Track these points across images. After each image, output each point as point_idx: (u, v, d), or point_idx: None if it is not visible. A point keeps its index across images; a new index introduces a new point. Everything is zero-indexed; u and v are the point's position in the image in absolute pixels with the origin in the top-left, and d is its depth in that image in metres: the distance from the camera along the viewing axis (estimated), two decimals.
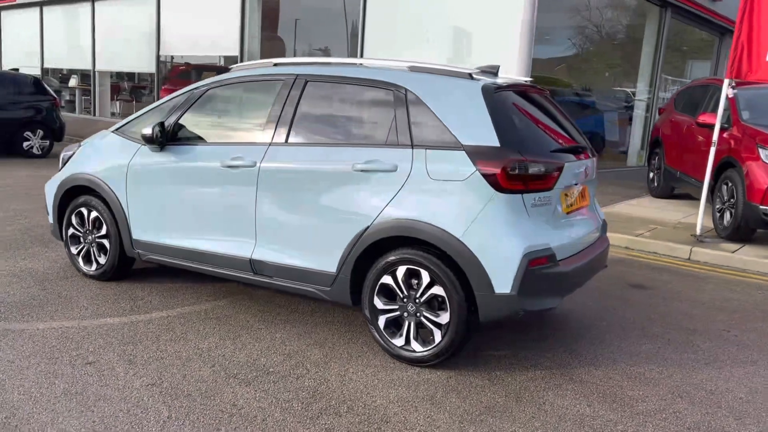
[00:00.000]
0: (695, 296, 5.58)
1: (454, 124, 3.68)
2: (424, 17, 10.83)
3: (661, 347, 4.31)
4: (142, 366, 3.61)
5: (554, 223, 3.78)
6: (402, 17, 11.16)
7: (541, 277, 3.56)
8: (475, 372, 3.76)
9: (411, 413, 3.24)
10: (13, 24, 20.49)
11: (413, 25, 10.97)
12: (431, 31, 10.77)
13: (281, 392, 3.39)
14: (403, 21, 11.15)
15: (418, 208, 3.66)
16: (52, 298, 4.62)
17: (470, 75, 3.86)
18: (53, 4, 18.42)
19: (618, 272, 6.24)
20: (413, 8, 10.99)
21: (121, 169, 4.76)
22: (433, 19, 10.72)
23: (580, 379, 3.74)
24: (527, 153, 3.61)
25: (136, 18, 15.95)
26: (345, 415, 3.19)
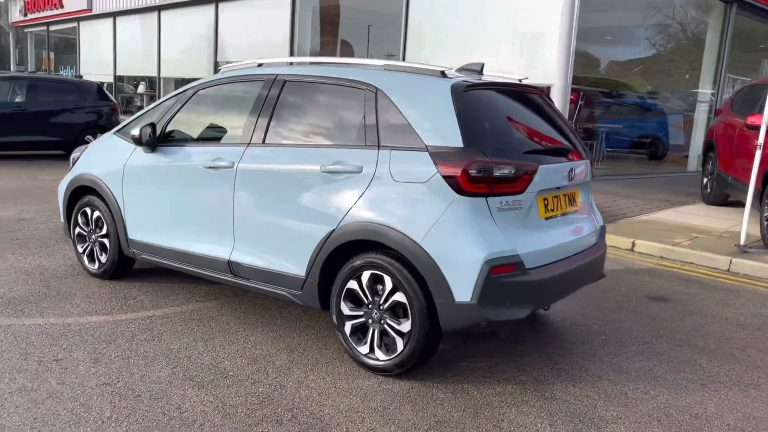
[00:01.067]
0: (719, 311, 5.16)
1: (420, 124, 3.52)
2: (466, 20, 10.61)
3: (657, 365, 3.98)
4: (105, 365, 3.63)
5: (527, 229, 3.55)
6: (442, 21, 10.98)
7: (505, 286, 3.35)
8: (440, 383, 3.58)
9: (355, 424, 3.11)
10: (90, 34, 21.59)
11: (453, 29, 10.77)
12: (472, 32, 10.54)
13: (231, 397, 3.32)
14: (443, 25, 10.97)
15: (381, 211, 3.53)
16: (51, 295, 4.74)
17: (442, 73, 3.69)
18: (124, 14, 19.27)
19: (641, 283, 5.86)
20: (454, 12, 10.80)
21: (119, 170, 4.85)
22: (474, 20, 10.50)
23: (552, 396, 3.49)
24: (494, 154, 3.41)
25: (196, 26, 16.46)
26: (286, 423, 3.09)
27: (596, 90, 12.96)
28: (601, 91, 13.19)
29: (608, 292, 5.53)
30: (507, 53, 10.09)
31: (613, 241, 7.38)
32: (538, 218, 3.65)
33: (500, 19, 10.11)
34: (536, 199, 3.62)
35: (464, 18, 10.62)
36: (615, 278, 5.98)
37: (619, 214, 8.50)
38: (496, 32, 10.22)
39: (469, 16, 10.59)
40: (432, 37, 11.19)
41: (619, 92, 14.33)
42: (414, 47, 11.46)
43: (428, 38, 11.24)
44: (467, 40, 10.61)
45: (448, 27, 10.82)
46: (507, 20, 9.98)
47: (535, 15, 9.54)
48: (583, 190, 4.15)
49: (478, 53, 10.51)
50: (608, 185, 9.85)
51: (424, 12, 11.29)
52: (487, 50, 10.36)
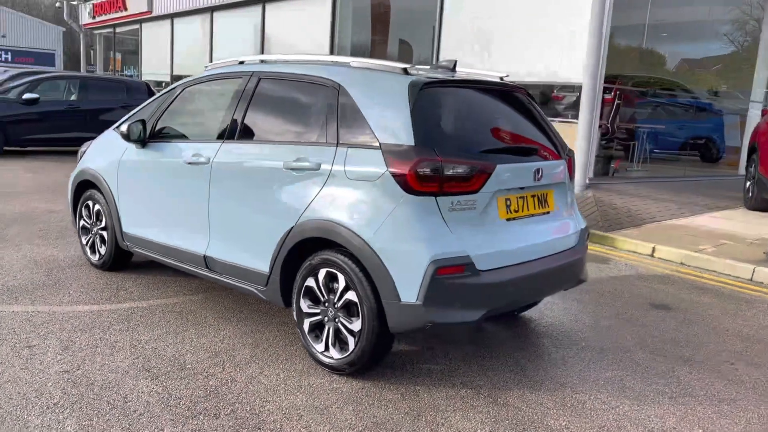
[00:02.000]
0: (724, 321, 4.89)
1: (376, 122, 3.49)
2: (498, 18, 10.43)
3: (630, 375, 3.80)
4: (72, 353, 3.75)
5: (483, 230, 3.45)
6: (474, 19, 10.82)
7: (452, 287, 3.26)
8: (393, 384, 3.53)
9: (291, 422, 3.10)
10: (151, 35, 22.38)
11: (485, 28, 10.60)
12: (503, 31, 10.35)
13: (180, 389, 3.37)
14: (474, 25, 10.81)
15: (335, 209, 3.51)
16: (49, 284, 4.94)
17: (404, 70, 3.64)
18: (181, 15, 19.88)
19: (649, 290, 5.62)
20: (487, 10, 10.62)
21: (115, 165, 5.01)
22: (505, 19, 10.30)
23: (504, 402, 3.39)
24: (447, 153, 3.33)
25: (245, 26, 16.82)
26: (223, 417, 3.11)
27: (639, 89, 12.48)
28: (644, 90, 12.71)
29: (610, 297, 5.33)
30: (536, 51, 9.86)
31: (632, 246, 7.12)
32: (498, 219, 3.54)
33: (530, 16, 9.88)
34: (496, 200, 3.52)
35: (497, 16, 10.44)
36: (622, 284, 5.75)
37: (647, 218, 8.18)
38: (525, 31, 9.99)
39: (500, 15, 10.40)
40: (463, 36, 11.04)
41: (670, 92, 13.77)
42: (448, 47, 11.35)
43: (459, 37, 11.10)
44: (498, 39, 10.42)
45: (480, 26, 10.66)
46: (537, 18, 9.74)
47: (565, 13, 9.28)
48: (559, 190, 4.00)
49: (508, 52, 10.32)
50: (644, 188, 9.48)
51: (457, 11, 11.16)
52: (516, 49, 10.16)
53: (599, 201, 8.41)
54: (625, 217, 8.06)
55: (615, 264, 6.55)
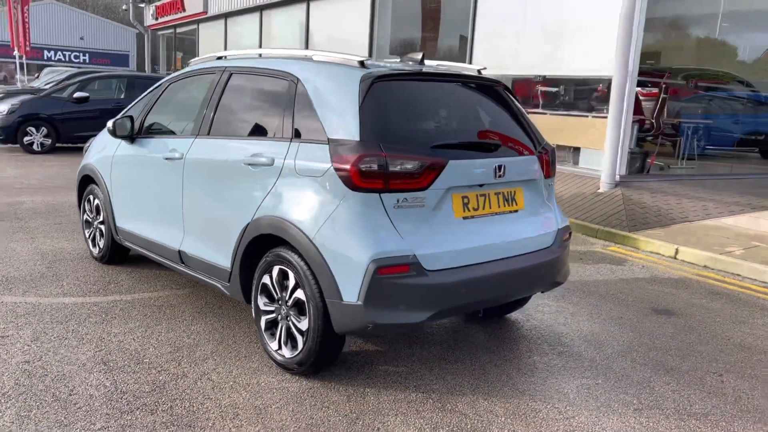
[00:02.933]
0: (728, 329, 4.56)
1: (326, 116, 3.40)
2: (529, 11, 10.11)
3: (602, 384, 3.58)
4: (40, 344, 3.83)
5: (433, 228, 3.31)
6: (507, 13, 10.53)
7: (395, 288, 3.14)
8: (344, 385, 3.44)
9: (225, 421, 3.05)
10: (207, 34, 22.93)
11: (518, 20, 10.30)
12: (532, 25, 10.03)
13: (128, 384, 3.38)
14: (508, 18, 10.52)
15: (285, 205, 3.45)
16: (47, 276, 5.08)
17: (361, 63, 3.53)
18: (233, 15, 20.27)
19: (657, 294, 5.32)
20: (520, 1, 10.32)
21: (108, 160, 5.11)
22: (536, 10, 9.97)
23: (452, 409, 3.24)
24: (393, 148, 3.21)
25: (291, 24, 16.99)
26: (159, 414, 3.10)
27: (688, 83, 11.87)
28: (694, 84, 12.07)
29: (611, 301, 5.06)
30: (567, 44, 9.51)
31: (654, 247, 6.76)
32: (453, 217, 3.40)
33: (562, 8, 9.54)
34: (450, 197, 3.38)
35: (529, 7, 10.12)
36: (630, 287, 5.46)
37: (678, 217, 7.76)
38: (557, 23, 9.65)
39: (532, 4, 10.09)
40: (495, 28, 10.76)
41: (726, 85, 13.05)
42: (482, 40, 11.10)
43: (492, 30, 10.82)
44: (531, 30, 10.10)
45: (512, 19, 10.36)
46: (569, 9, 9.39)
47: (598, 3, 8.90)
48: (530, 188, 3.80)
49: (539, 44, 10.00)
50: (682, 186, 8.99)
51: (491, 4, 10.89)
52: (547, 41, 9.83)
53: (627, 199, 8.04)
54: (653, 217, 7.67)
55: (630, 266, 6.23)
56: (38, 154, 12.80)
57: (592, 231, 7.51)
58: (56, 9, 53.35)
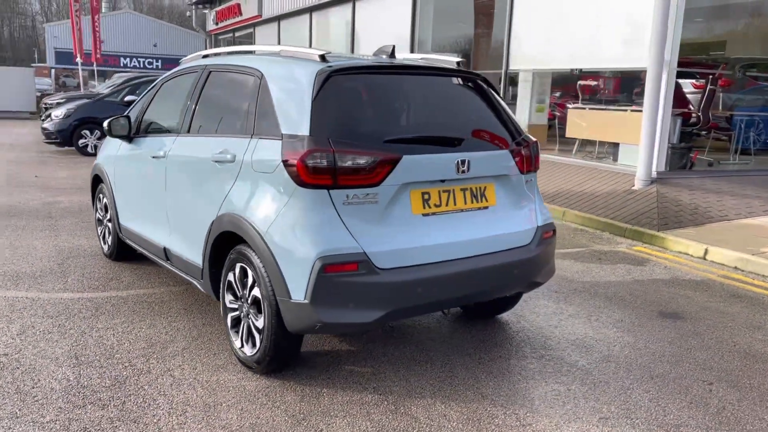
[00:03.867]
0: (738, 335, 4.24)
1: (282, 111, 3.34)
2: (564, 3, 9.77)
3: (574, 391, 3.38)
4: (25, 338, 3.93)
5: (387, 225, 3.20)
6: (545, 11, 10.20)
7: (343, 286, 3.06)
8: (301, 385, 3.38)
9: (170, 418, 3.03)
10: (262, 38, 23.37)
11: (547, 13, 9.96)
12: (568, 17, 9.68)
13: (91, 378, 3.42)
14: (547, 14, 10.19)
15: (242, 202, 3.42)
16: (55, 272, 5.25)
17: (322, 57, 3.46)
18: (286, 17, 20.55)
19: (671, 296, 5.01)
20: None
21: (112, 160, 5.24)
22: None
23: (404, 412, 3.13)
24: (343, 143, 3.12)
25: (338, 25, 17.08)
26: (109, 408, 3.12)
27: (743, 73, 11.19)
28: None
29: (617, 303, 4.80)
30: (601, 34, 9.12)
31: (683, 246, 6.40)
32: (411, 214, 3.28)
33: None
34: (408, 193, 3.26)
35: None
36: (643, 289, 5.18)
37: (715, 216, 7.31)
38: (591, 11, 9.28)
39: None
40: (533, 19, 10.44)
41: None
42: (519, 33, 10.81)
43: (529, 22, 10.50)
44: (566, 22, 9.74)
45: (548, 10, 10.02)
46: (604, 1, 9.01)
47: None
48: (504, 183, 3.63)
49: (573, 36, 9.64)
50: (727, 183, 8.46)
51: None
52: (580, 32, 9.45)
53: (662, 197, 7.64)
54: (687, 215, 7.26)
55: (651, 267, 5.90)
56: (91, 156, 13.33)
57: (619, 230, 7.17)
58: (132, 18, 55.79)
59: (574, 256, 6.22)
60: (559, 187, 8.82)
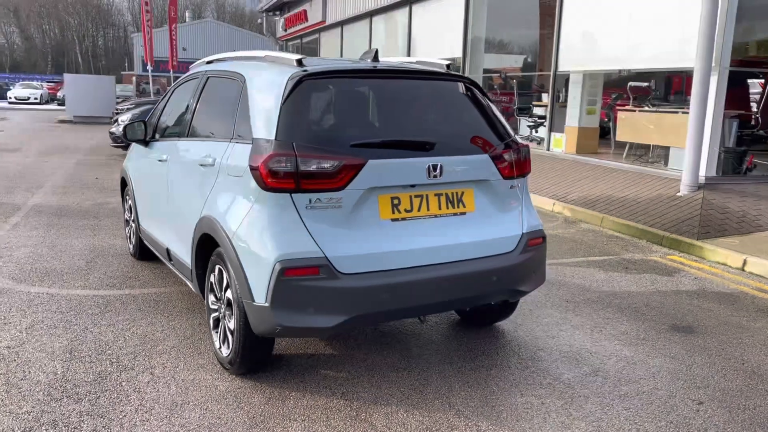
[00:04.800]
0: (751, 353, 3.97)
1: (256, 115, 3.38)
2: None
3: (547, 405, 3.24)
4: (31, 331, 4.13)
5: (352, 230, 3.17)
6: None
7: (303, 290, 3.05)
8: (272, 387, 3.39)
9: (134, 415, 3.11)
10: (326, 43, 23.79)
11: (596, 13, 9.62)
12: (616, 16, 9.32)
13: (77, 373, 3.55)
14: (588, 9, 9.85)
15: (217, 204, 3.48)
16: (82, 269, 5.49)
17: (299, 62, 3.47)
18: (348, 22, 20.80)
19: (691, 309, 4.75)
20: None
21: (133, 163, 5.45)
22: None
23: (365, 419, 3.09)
24: (311, 148, 3.12)
25: (396, 28, 17.12)
26: (83, 402, 3.22)
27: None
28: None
29: (629, 314, 4.60)
30: (646, 33, 8.73)
31: (722, 257, 6.06)
32: (378, 219, 3.24)
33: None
34: (376, 198, 3.22)
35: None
36: (663, 300, 4.93)
37: (765, 224, 6.86)
38: (636, 9, 8.90)
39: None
40: (580, 20, 10.11)
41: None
42: (568, 34, 10.52)
43: (576, 22, 10.18)
44: (610, 23, 9.39)
45: (596, 11, 9.69)
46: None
47: None
48: (484, 189, 3.53)
49: (618, 35, 9.28)
50: None
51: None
52: (626, 31, 9.08)
53: (707, 204, 7.24)
54: (733, 223, 6.85)
55: (679, 277, 5.60)
56: None
57: (656, 238, 6.84)
58: (213, 26, 58.02)
59: (599, 264, 5.98)
60: (602, 193, 8.51)
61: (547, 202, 8.72)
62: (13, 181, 10.13)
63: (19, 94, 39.47)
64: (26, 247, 6.19)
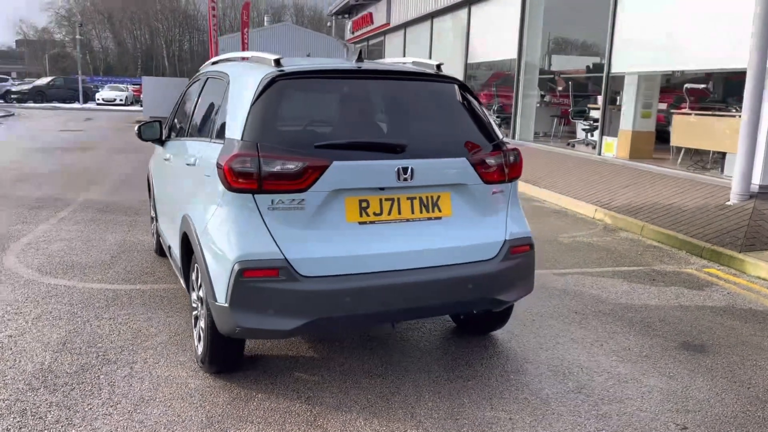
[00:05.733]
0: (761, 377, 3.66)
1: (231, 115, 3.38)
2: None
3: (507, 422, 3.09)
4: (36, 321, 4.28)
5: (315, 232, 3.11)
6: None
7: (262, 292, 3.02)
8: (241, 387, 3.38)
9: (100, 408, 3.16)
10: (390, 45, 23.86)
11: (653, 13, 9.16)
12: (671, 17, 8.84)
13: (62, 364, 3.63)
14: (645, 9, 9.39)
15: (192, 203, 3.52)
16: (105, 263, 5.68)
17: (276, 62, 3.45)
18: (411, 24, 20.77)
19: (711, 327, 4.44)
20: None
21: (152, 162, 5.60)
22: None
23: (320, 425, 3.02)
24: (271, 148, 3.09)
25: (455, 30, 16.96)
26: (57, 394, 3.30)
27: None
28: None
29: (638, 329, 4.34)
30: (707, 33, 8.24)
31: (764, 271, 5.64)
32: (344, 222, 3.17)
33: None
34: (342, 200, 3.16)
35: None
36: (680, 315, 4.63)
37: None
38: (696, 9, 8.42)
39: None
40: (635, 21, 9.66)
41: None
42: (621, 36, 10.08)
43: (631, 23, 9.73)
44: (667, 21, 8.92)
45: (651, 10, 9.23)
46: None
47: None
48: (463, 193, 3.39)
49: (676, 33, 8.80)
50: None
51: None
52: (685, 30, 8.60)
53: (758, 214, 6.76)
54: None
55: (710, 291, 5.25)
56: None
57: (697, 249, 6.45)
58: (291, 29, 59.41)
59: (626, 275, 5.68)
60: (648, 200, 8.10)
61: (589, 209, 8.39)
62: (76, 178, 10.64)
63: (107, 96, 41.48)
64: (63, 240, 6.46)
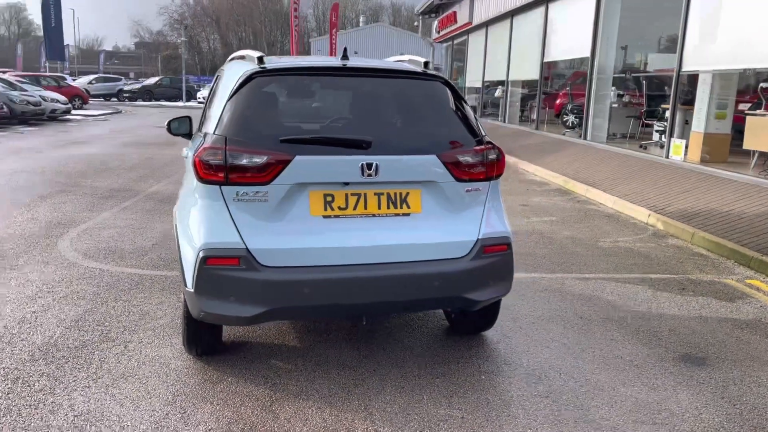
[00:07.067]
0: (752, 394, 3.42)
1: (212, 110, 3.56)
2: None
3: (461, 420, 3.06)
4: (63, 299, 4.60)
5: (277, 224, 3.20)
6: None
7: (223, 279, 3.15)
8: (214, 370, 3.53)
9: (84, 381, 3.39)
10: (473, 44, 23.66)
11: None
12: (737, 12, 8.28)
13: (66, 339, 3.92)
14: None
15: (179, 195, 3.70)
16: (145, 250, 6.01)
17: (259, 59, 3.57)
18: (492, 23, 20.51)
19: (723, 338, 4.20)
20: None
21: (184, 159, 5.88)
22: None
23: (272, 410, 3.12)
24: (238, 142, 3.20)
25: (533, 28, 16.60)
26: (51, 366, 3.57)
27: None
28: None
29: (640, 338, 4.16)
30: (759, 27, 7.68)
31: None
32: (308, 215, 3.24)
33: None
34: (306, 194, 3.23)
35: None
36: (695, 327, 4.39)
37: None
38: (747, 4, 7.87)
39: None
40: (707, 15, 9.12)
41: None
42: (694, 30, 9.55)
43: (702, 18, 9.18)
44: (745, 15, 8.36)
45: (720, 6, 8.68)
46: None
47: None
48: (433, 190, 3.37)
49: (755, 28, 8.25)
50: None
51: None
52: (758, 26, 8.05)
53: None
54: None
55: (741, 303, 4.93)
56: None
57: (744, 259, 6.05)
58: (384, 30, 60.33)
59: (654, 282, 5.43)
60: (706, 206, 7.67)
61: (643, 213, 8.03)
62: (153, 171, 11.28)
63: (205, 95, 43.57)
64: (116, 228, 6.90)
